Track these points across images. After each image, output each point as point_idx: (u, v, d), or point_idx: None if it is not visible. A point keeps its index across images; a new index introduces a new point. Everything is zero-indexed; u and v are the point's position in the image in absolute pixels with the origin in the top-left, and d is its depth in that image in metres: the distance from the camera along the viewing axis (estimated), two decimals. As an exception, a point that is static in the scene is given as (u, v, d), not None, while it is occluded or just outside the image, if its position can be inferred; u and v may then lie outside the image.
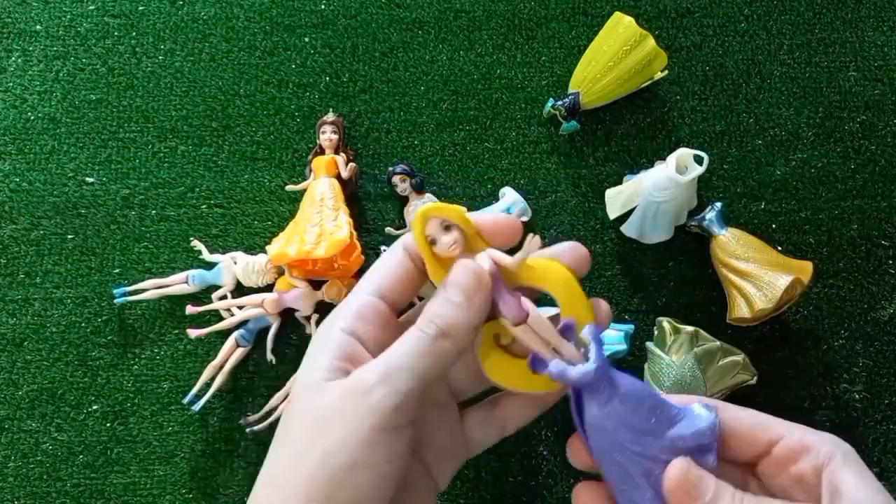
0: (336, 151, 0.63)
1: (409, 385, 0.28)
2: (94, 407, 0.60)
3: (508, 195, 0.62)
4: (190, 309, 0.60)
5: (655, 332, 0.59)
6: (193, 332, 0.59)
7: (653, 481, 0.29)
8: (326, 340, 0.30)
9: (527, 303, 0.30)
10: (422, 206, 0.31)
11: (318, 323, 0.60)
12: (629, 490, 0.29)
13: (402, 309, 0.33)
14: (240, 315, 0.60)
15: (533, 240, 0.30)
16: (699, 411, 0.29)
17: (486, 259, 0.30)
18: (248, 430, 0.58)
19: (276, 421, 0.58)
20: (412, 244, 0.31)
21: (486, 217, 0.32)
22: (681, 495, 0.28)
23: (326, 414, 0.28)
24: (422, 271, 0.32)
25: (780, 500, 0.28)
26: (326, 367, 0.29)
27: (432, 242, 0.30)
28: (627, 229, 0.63)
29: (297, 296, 0.60)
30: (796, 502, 0.28)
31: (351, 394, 0.28)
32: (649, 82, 0.66)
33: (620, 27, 0.63)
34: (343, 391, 0.28)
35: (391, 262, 0.32)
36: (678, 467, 0.28)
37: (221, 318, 0.61)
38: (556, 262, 0.31)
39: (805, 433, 0.29)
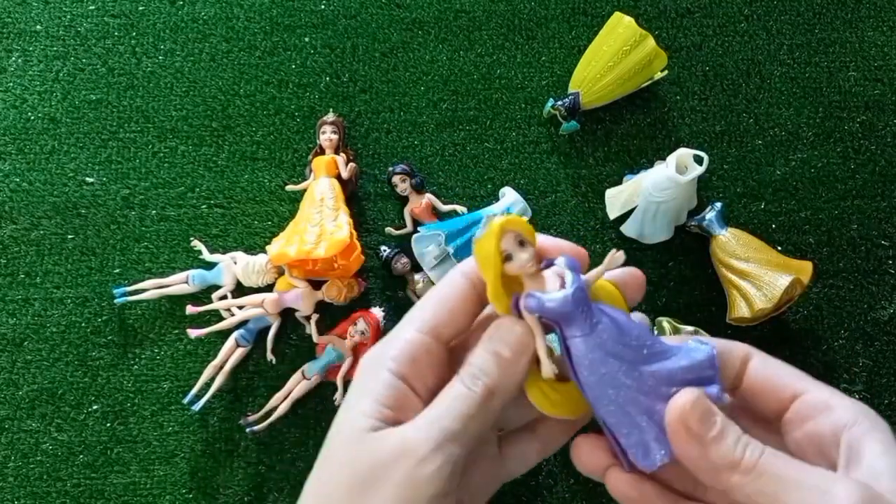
0: (336, 151, 0.63)
1: (462, 452, 0.27)
2: (94, 407, 0.60)
3: (508, 195, 0.62)
4: (190, 309, 0.60)
5: (655, 332, 0.59)
6: (193, 333, 0.59)
7: (657, 419, 0.26)
8: (374, 382, 0.28)
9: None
10: (496, 219, 0.28)
11: (318, 323, 0.60)
12: (633, 433, 0.27)
13: (458, 338, 0.31)
14: (240, 315, 0.60)
15: (616, 255, 0.29)
16: (694, 345, 0.27)
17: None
18: (248, 430, 0.58)
19: (276, 421, 0.58)
20: (472, 270, 0.29)
21: (556, 242, 0.30)
22: (681, 430, 0.26)
23: (376, 473, 0.27)
24: (481, 300, 0.29)
25: (790, 454, 0.26)
26: (372, 414, 0.28)
27: (506, 259, 0.28)
28: (627, 229, 0.63)
29: (297, 296, 0.60)
30: (807, 461, 0.26)
31: (404, 459, 0.27)
32: (649, 82, 0.66)
33: (620, 27, 0.63)
34: (394, 453, 0.27)
35: (450, 294, 0.29)
36: (686, 397, 0.26)
37: (221, 318, 0.61)
38: (613, 286, 0.30)
39: (833, 394, 0.27)
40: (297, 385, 0.59)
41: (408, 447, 0.27)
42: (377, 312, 0.60)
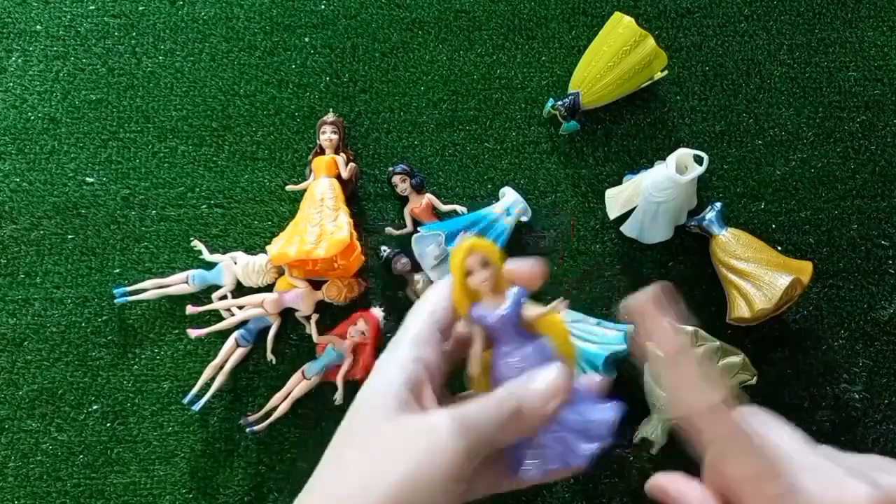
0: (336, 151, 0.63)
1: (479, 448, 0.31)
2: (94, 407, 0.60)
3: (508, 195, 0.62)
4: (190, 309, 0.60)
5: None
6: (193, 333, 0.59)
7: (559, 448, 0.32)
8: (400, 365, 0.32)
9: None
10: (468, 240, 0.34)
11: (317, 323, 0.60)
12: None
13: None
14: (240, 315, 0.60)
15: (561, 303, 0.33)
16: (607, 407, 0.32)
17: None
18: (248, 430, 0.58)
19: (276, 421, 0.58)
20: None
21: (522, 266, 0.34)
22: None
23: (403, 448, 0.30)
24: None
25: None
26: (396, 395, 0.31)
27: (468, 273, 0.33)
28: (627, 229, 0.63)
29: (297, 296, 0.60)
30: None
31: (434, 438, 0.30)
32: (649, 82, 0.66)
33: (620, 27, 0.63)
34: (423, 432, 0.30)
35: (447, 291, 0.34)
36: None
37: (221, 318, 0.61)
38: (558, 318, 0.34)
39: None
40: (298, 385, 0.59)
41: (437, 431, 0.30)
42: (377, 312, 0.60)
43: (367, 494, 0.29)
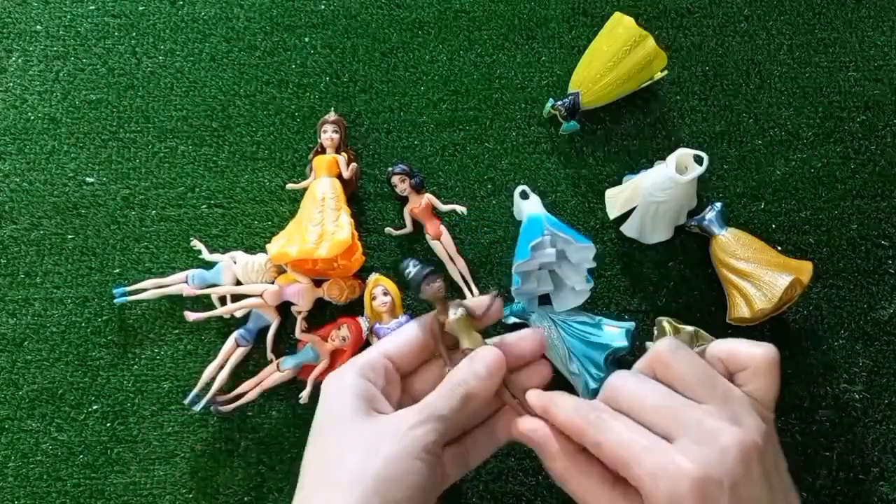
0: (337, 151, 0.63)
1: (444, 428, 0.37)
2: (94, 407, 0.60)
3: (532, 201, 0.62)
4: (189, 315, 0.59)
5: (655, 332, 0.59)
6: (191, 316, 0.58)
7: None
8: (348, 384, 0.39)
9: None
10: (375, 276, 0.59)
11: (305, 320, 0.60)
12: None
13: (407, 371, 0.43)
14: (239, 305, 0.59)
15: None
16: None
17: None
18: (212, 408, 0.58)
19: (246, 405, 0.58)
20: (431, 324, 0.42)
21: (480, 306, 0.43)
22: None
23: (379, 436, 0.37)
24: (427, 350, 0.43)
25: None
26: (353, 406, 0.38)
27: (373, 298, 0.58)
28: (627, 229, 0.63)
29: (298, 291, 0.60)
30: None
31: (402, 426, 0.37)
32: (649, 82, 0.66)
33: (620, 27, 0.63)
34: (391, 424, 0.37)
35: (410, 337, 0.42)
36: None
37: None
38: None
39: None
40: (270, 376, 0.59)
41: (403, 418, 0.37)
42: (362, 322, 0.60)
43: (362, 469, 0.35)
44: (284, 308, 0.61)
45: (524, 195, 0.62)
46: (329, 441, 0.38)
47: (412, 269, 0.43)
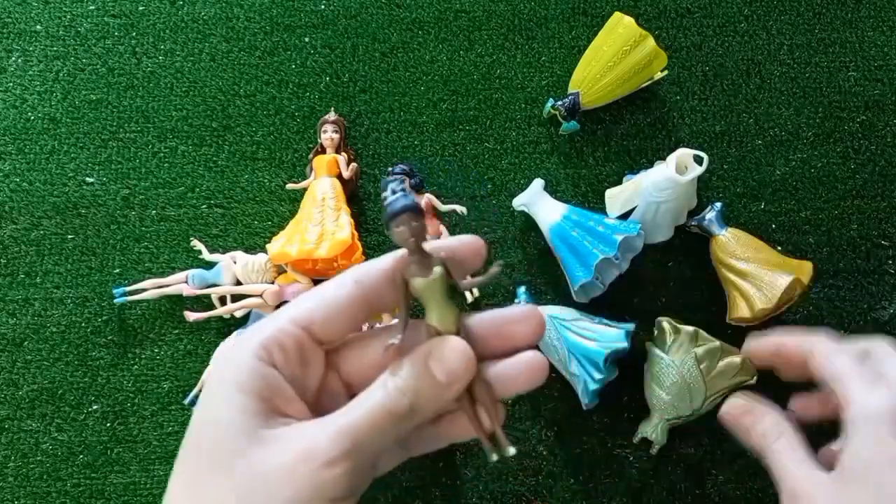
0: (337, 151, 0.63)
1: (371, 461, 0.27)
2: (94, 407, 0.60)
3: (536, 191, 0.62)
4: (189, 315, 0.59)
5: (655, 332, 0.59)
6: (192, 316, 0.58)
7: None
8: (243, 373, 0.26)
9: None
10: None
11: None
12: None
13: (333, 344, 0.30)
14: (239, 304, 0.59)
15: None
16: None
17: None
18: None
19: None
20: (365, 277, 0.29)
21: (463, 242, 0.30)
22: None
23: (265, 482, 0.25)
24: (368, 309, 0.29)
25: None
26: (253, 410, 0.26)
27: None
28: (627, 229, 0.63)
29: (298, 291, 0.60)
30: None
31: (309, 461, 0.25)
32: (649, 82, 0.66)
33: (620, 27, 0.63)
34: (298, 456, 0.25)
35: (334, 294, 0.28)
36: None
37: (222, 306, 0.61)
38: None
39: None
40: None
41: (312, 449, 0.25)
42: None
43: None
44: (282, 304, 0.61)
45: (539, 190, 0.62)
46: (193, 481, 0.26)
47: (390, 194, 0.30)
